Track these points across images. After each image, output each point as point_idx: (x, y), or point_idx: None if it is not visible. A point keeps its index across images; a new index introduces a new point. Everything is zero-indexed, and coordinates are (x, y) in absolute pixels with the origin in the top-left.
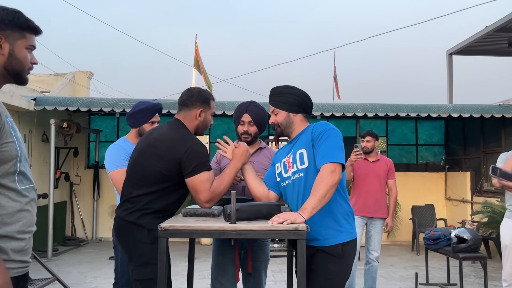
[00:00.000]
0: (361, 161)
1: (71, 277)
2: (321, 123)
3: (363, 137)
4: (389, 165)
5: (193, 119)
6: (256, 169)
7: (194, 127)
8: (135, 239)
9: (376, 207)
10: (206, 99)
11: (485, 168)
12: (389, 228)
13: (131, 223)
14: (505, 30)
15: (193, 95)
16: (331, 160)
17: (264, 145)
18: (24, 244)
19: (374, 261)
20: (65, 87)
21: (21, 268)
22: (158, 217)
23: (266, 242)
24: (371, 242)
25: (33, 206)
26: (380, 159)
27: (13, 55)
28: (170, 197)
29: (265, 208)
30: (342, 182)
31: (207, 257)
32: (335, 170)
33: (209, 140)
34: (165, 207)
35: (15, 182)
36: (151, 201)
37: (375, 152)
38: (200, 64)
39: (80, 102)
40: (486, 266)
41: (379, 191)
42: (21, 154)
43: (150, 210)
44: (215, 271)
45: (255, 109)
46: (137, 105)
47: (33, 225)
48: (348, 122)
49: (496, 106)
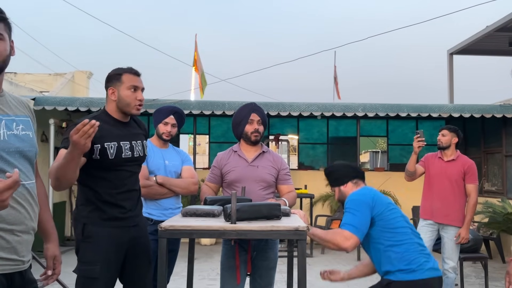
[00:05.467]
0: (436, 159)
1: (71, 277)
2: (351, 195)
3: (440, 131)
4: (467, 167)
5: (110, 102)
6: (259, 173)
7: (114, 109)
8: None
9: (444, 213)
10: (115, 76)
11: (486, 169)
12: (461, 240)
13: None
14: (505, 29)
15: (106, 77)
16: (352, 230)
17: (266, 149)
18: (6, 242)
19: (449, 271)
20: (64, 87)
21: (8, 265)
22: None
23: (276, 241)
24: (445, 250)
25: (20, 203)
26: (457, 159)
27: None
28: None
29: (265, 208)
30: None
31: (207, 257)
32: (350, 239)
33: (209, 140)
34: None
35: None
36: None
37: (452, 150)
38: (198, 64)
39: (80, 102)
40: (487, 267)
41: (450, 194)
42: (0, 151)
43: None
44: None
45: (260, 109)
46: (158, 107)
47: (23, 223)
48: (348, 122)
49: (497, 106)
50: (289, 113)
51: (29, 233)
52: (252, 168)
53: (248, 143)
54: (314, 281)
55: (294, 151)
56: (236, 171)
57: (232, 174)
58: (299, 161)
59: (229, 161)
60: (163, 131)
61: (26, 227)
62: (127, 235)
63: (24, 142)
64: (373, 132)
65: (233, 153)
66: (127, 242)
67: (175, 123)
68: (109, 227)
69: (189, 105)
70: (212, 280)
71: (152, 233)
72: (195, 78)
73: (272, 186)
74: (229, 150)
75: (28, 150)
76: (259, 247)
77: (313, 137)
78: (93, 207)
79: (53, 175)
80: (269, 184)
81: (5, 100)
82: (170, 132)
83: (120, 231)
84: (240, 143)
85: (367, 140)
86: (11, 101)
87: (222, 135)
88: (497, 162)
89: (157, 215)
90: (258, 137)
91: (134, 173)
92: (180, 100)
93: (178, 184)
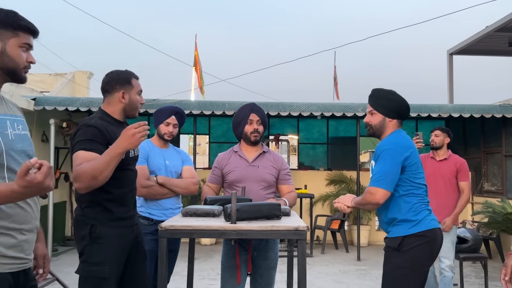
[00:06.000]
0: (428, 159)
1: (71, 277)
2: (387, 140)
3: (432, 132)
4: (459, 165)
5: (117, 103)
6: (260, 173)
7: (120, 111)
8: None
9: (439, 211)
10: (126, 79)
11: (486, 168)
12: (445, 227)
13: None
14: (505, 30)
15: (111, 79)
16: (375, 184)
17: (267, 149)
18: (15, 240)
19: (446, 270)
20: (64, 87)
21: (15, 264)
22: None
23: (276, 241)
24: (441, 249)
25: (28, 203)
26: (449, 158)
27: (5, 53)
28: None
29: (265, 208)
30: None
31: (207, 257)
32: (374, 193)
33: (209, 140)
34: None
35: (4, 179)
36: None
37: (444, 150)
38: (198, 64)
39: (80, 102)
40: (487, 267)
41: (444, 193)
42: (10, 150)
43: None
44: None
45: (260, 110)
46: (159, 107)
47: (30, 222)
48: (348, 122)
49: (497, 106)
50: (289, 113)
51: (34, 231)
52: (253, 168)
53: (248, 143)
54: (314, 281)
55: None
56: (237, 171)
57: (233, 174)
58: (299, 161)
59: (230, 162)
60: (165, 132)
61: (32, 226)
62: (131, 234)
63: (25, 141)
64: None
65: (234, 154)
66: (131, 241)
67: (177, 123)
68: (117, 227)
69: (189, 105)
70: (212, 280)
71: (152, 233)
72: (195, 78)
73: (273, 186)
74: (229, 151)
75: (29, 150)
76: (260, 247)
77: (313, 137)
78: (100, 208)
79: (89, 175)
80: (270, 184)
81: (4, 101)
82: (172, 132)
83: (126, 230)
84: (240, 143)
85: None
86: (7, 101)
87: (222, 135)
88: (496, 162)
89: (157, 215)
90: (257, 137)
91: (135, 171)
92: (180, 100)
93: (178, 184)
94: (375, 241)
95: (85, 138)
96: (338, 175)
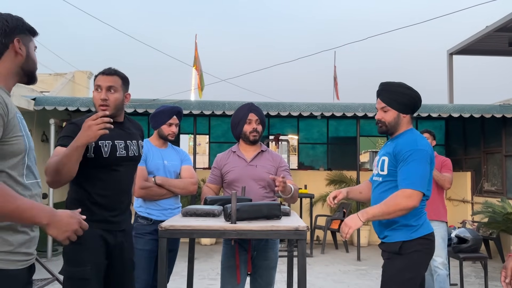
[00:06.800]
0: None
1: None
2: (411, 139)
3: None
4: (442, 162)
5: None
6: (258, 173)
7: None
8: None
9: (429, 209)
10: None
11: (486, 168)
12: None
13: None
14: (505, 30)
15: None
16: (412, 186)
17: (265, 148)
18: (28, 237)
19: (439, 268)
20: (64, 87)
21: (26, 260)
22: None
23: (276, 241)
24: None
25: (37, 200)
26: (435, 159)
27: (29, 57)
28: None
29: (266, 208)
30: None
31: (207, 257)
32: (412, 196)
33: (209, 140)
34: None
35: (22, 176)
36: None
37: None
38: (198, 64)
39: (80, 102)
40: (487, 266)
41: (433, 191)
42: (29, 149)
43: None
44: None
45: (258, 109)
46: (158, 107)
47: None
48: (348, 122)
49: (497, 106)
50: (289, 113)
51: (38, 228)
52: (251, 168)
53: (247, 142)
54: (314, 281)
55: (294, 151)
56: (235, 171)
57: (231, 174)
58: (299, 161)
59: (228, 161)
60: (168, 132)
61: None
62: (114, 239)
63: (31, 140)
64: (373, 132)
65: (232, 154)
66: (113, 246)
67: (178, 123)
68: (98, 228)
69: (189, 105)
70: (212, 280)
71: (152, 233)
72: (195, 78)
73: (272, 185)
74: (228, 151)
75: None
76: (259, 247)
77: (313, 137)
78: (83, 207)
79: (52, 169)
80: (269, 183)
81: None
82: (175, 132)
83: (108, 234)
84: (239, 143)
85: (367, 140)
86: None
87: (222, 135)
88: (496, 162)
89: (156, 215)
90: (256, 137)
91: (128, 173)
92: (180, 100)
93: (177, 184)
94: (375, 241)
95: (64, 134)
96: (338, 175)
